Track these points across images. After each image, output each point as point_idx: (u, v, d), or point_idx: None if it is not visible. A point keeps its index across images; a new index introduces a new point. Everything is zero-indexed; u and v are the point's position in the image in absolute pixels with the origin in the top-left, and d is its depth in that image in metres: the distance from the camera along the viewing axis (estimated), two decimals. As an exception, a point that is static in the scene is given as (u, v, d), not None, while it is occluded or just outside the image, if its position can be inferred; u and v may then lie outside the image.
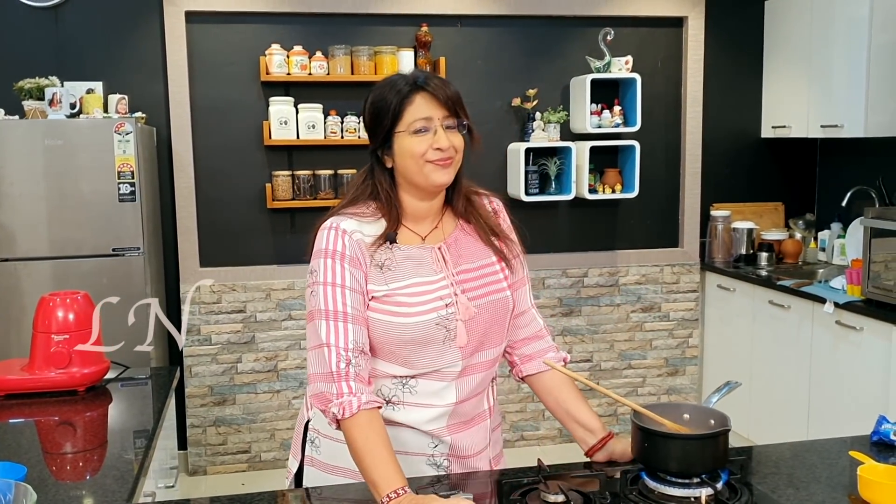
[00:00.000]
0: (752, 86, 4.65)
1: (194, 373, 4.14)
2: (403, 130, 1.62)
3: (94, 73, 3.92)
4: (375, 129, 1.66)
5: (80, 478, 1.80)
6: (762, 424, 4.16)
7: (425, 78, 1.63)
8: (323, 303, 1.60)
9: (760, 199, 4.76)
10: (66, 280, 3.41)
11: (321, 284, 1.61)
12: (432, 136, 1.62)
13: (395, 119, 1.62)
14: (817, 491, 1.59)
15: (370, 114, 1.67)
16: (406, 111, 1.62)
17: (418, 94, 1.62)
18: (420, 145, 1.62)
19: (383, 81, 1.67)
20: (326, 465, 1.73)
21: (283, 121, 3.99)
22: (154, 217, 3.86)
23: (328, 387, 1.56)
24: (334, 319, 1.59)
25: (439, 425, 1.70)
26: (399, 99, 1.62)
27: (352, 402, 1.53)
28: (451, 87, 1.65)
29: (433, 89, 1.62)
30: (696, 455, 1.52)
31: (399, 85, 1.63)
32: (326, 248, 1.64)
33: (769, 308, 4.03)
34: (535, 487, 1.55)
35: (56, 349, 2.34)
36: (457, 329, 1.65)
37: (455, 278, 1.68)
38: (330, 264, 1.62)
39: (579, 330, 4.56)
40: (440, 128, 1.62)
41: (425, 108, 1.61)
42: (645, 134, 4.43)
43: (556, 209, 4.50)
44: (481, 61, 4.31)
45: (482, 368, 1.73)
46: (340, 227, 1.65)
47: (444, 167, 1.65)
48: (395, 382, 1.67)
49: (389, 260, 1.65)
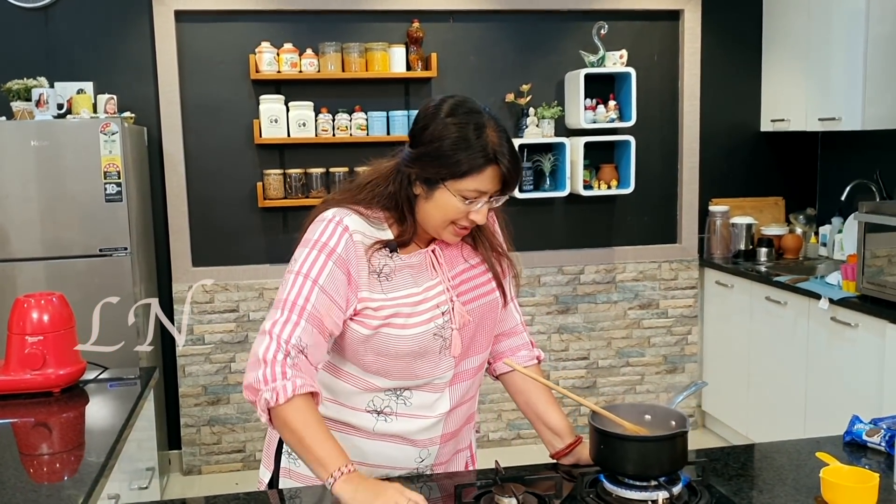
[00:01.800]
0: (750, 79, 4.59)
1: (188, 372, 4.13)
2: (453, 189, 1.52)
3: (84, 73, 3.92)
4: (428, 165, 1.52)
5: (41, 480, 1.79)
6: (760, 422, 4.10)
7: (503, 152, 1.51)
8: (287, 292, 1.52)
9: (760, 194, 4.70)
10: (52, 281, 3.42)
11: (294, 273, 1.54)
12: (474, 207, 1.53)
13: (454, 175, 1.51)
14: (781, 493, 1.55)
15: (434, 148, 1.51)
16: (469, 177, 1.50)
17: (491, 167, 1.51)
18: (458, 211, 1.53)
19: (462, 121, 1.50)
20: (304, 477, 1.69)
21: (274, 119, 3.98)
22: (144, 217, 3.85)
23: (257, 374, 1.46)
24: (290, 311, 1.50)
25: (434, 434, 1.67)
26: (471, 165, 1.49)
27: (286, 387, 1.44)
28: (520, 164, 1.55)
29: (506, 169, 1.51)
30: (652, 457, 1.49)
31: (476, 147, 1.49)
32: (318, 239, 1.55)
33: (766, 304, 3.97)
34: (489, 490, 1.52)
35: (30, 350, 2.33)
36: (452, 338, 1.62)
37: (451, 283, 1.63)
38: (314, 256, 1.54)
39: (576, 328, 4.52)
40: (486, 203, 1.54)
41: (487, 182, 1.51)
42: (641, 129, 4.38)
43: (552, 206, 4.46)
44: (474, 57, 4.28)
45: (470, 375, 1.69)
46: (343, 222, 1.56)
47: (461, 235, 1.60)
48: (387, 394, 1.63)
49: (387, 267, 1.58)
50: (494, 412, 4.43)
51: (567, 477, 1.62)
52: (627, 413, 1.62)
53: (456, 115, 1.52)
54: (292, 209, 4.13)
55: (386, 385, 1.62)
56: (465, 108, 1.54)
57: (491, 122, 1.53)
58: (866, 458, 1.72)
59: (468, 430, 1.80)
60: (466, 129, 1.50)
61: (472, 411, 1.79)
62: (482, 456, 1.94)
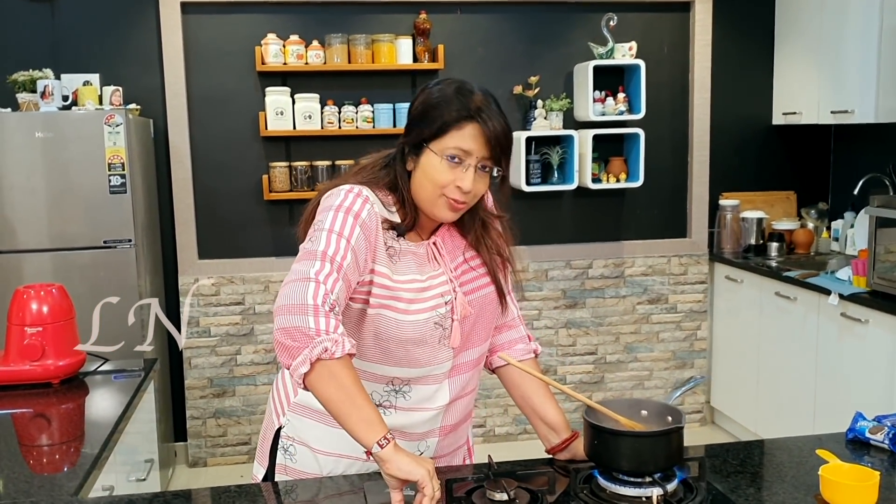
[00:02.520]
0: (762, 71, 4.53)
1: (194, 365, 4.13)
2: (437, 150, 1.50)
3: (90, 65, 3.92)
4: (413, 128, 1.53)
5: (35, 471, 1.78)
6: (768, 418, 4.06)
7: (485, 109, 1.49)
8: (324, 245, 1.44)
9: (771, 188, 4.64)
10: (57, 272, 3.42)
11: (326, 231, 1.46)
12: (461, 172, 1.50)
13: (435, 134, 1.49)
14: (780, 490, 1.52)
15: (418, 111, 1.53)
16: (449, 134, 1.48)
17: (470, 123, 1.48)
18: (445, 175, 1.50)
19: (447, 86, 1.52)
20: (301, 473, 1.67)
21: (280, 111, 3.96)
22: (150, 209, 3.85)
23: (308, 319, 1.35)
24: (330, 264, 1.42)
25: (433, 426, 1.65)
26: (447, 119, 1.48)
27: (344, 342, 1.35)
28: (504, 125, 1.51)
29: (485, 123, 1.48)
30: (647, 453, 1.46)
31: (456, 103, 1.49)
32: (342, 204, 1.50)
33: (776, 300, 3.92)
34: (482, 485, 1.50)
35: (29, 341, 2.33)
36: (452, 328, 1.59)
37: (453, 274, 1.61)
38: (342, 217, 1.48)
39: (584, 322, 4.48)
40: (473, 167, 1.50)
41: (469, 140, 1.48)
42: (650, 121, 4.33)
43: (560, 199, 4.42)
44: (482, 48, 4.24)
45: (469, 367, 1.67)
46: (362, 192, 1.53)
47: (455, 209, 1.55)
48: (387, 389, 1.61)
49: (392, 249, 1.56)
50: (501, 406, 4.41)
51: (562, 472, 1.60)
52: (623, 408, 1.59)
53: (442, 83, 1.55)
54: (298, 202, 4.12)
55: (386, 375, 1.60)
56: (455, 79, 1.56)
57: (479, 90, 1.53)
58: (869, 456, 1.68)
59: (467, 426, 1.78)
60: (449, 88, 1.52)
61: (472, 407, 1.77)
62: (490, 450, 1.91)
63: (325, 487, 1.60)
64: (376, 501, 1.48)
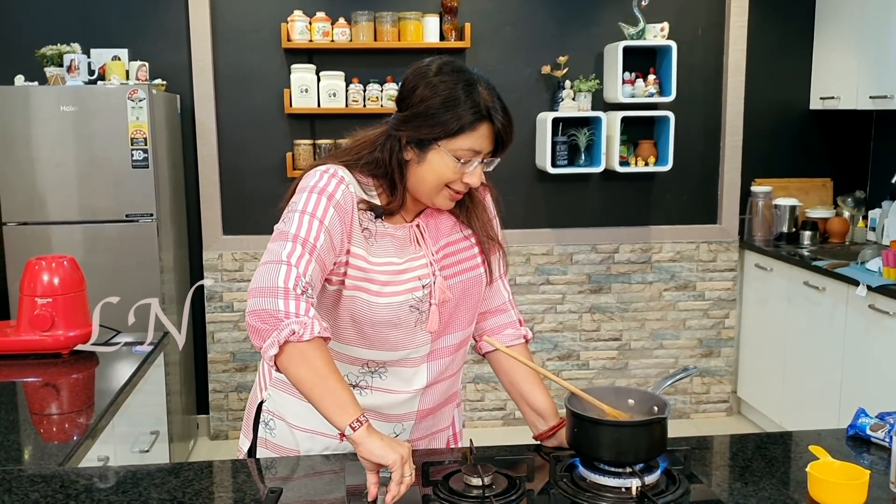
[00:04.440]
0: (800, 54, 4.39)
1: (216, 339, 4.18)
2: (446, 149, 1.47)
3: (119, 40, 3.95)
4: (421, 125, 1.47)
5: (31, 439, 1.81)
6: (794, 410, 3.97)
7: (496, 109, 1.47)
8: (296, 228, 1.43)
9: (807, 175, 4.51)
10: (81, 244, 3.48)
11: (298, 212, 1.46)
12: (468, 169, 1.49)
13: (447, 134, 1.46)
14: (767, 486, 1.47)
15: (424, 106, 1.46)
16: (463, 135, 1.46)
17: (483, 124, 1.47)
18: (452, 172, 1.49)
19: (451, 81, 1.47)
20: (280, 448, 1.69)
21: (304, 89, 3.96)
22: (175, 184, 3.88)
23: (277, 303, 1.35)
24: (302, 246, 1.42)
25: (409, 409, 1.64)
26: (462, 122, 1.45)
27: (313, 324, 1.35)
28: (512, 122, 1.50)
29: (496, 124, 1.47)
30: (627, 443, 1.42)
31: (468, 104, 1.45)
32: (316, 185, 1.49)
33: (804, 290, 3.82)
34: (459, 470, 1.48)
35: (39, 312, 2.36)
36: (430, 312, 1.58)
37: (434, 257, 1.59)
38: (315, 199, 1.47)
39: (608, 308, 4.42)
40: (480, 164, 1.50)
41: (481, 141, 1.47)
42: (682, 104, 4.23)
43: (587, 182, 4.36)
44: (510, 27, 4.18)
45: (450, 352, 1.65)
46: (338, 173, 1.52)
47: (455, 199, 1.56)
48: (363, 370, 1.61)
49: (368, 231, 1.54)
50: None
51: (547, 459, 1.57)
52: (610, 396, 1.56)
53: (444, 73, 1.49)
54: (322, 180, 4.11)
55: (360, 357, 1.59)
56: (452, 66, 1.51)
57: (481, 79, 1.50)
58: (869, 454, 1.62)
59: (450, 409, 1.76)
60: (456, 86, 1.47)
61: (455, 390, 1.75)
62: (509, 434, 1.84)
63: (306, 466, 1.59)
64: (355, 482, 1.47)
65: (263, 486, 1.50)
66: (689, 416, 4.53)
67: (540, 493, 1.44)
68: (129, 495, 1.46)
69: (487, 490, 1.40)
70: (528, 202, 4.33)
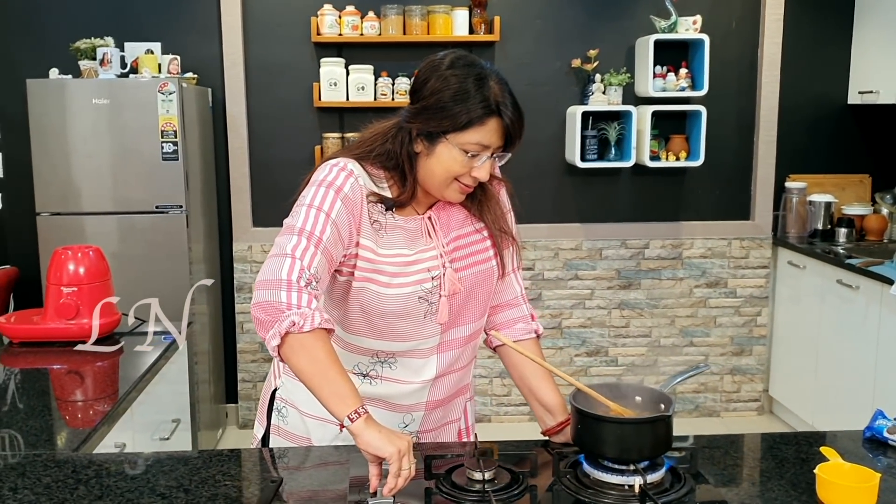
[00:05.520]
0: (838, 47, 4.29)
1: (245, 329, 4.23)
2: (455, 143, 1.48)
3: (153, 33, 4.01)
4: (430, 117, 1.48)
5: (49, 425, 1.84)
6: (826, 411, 3.89)
7: (506, 104, 1.47)
8: (302, 221, 1.46)
9: (844, 171, 4.41)
10: (112, 235, 3.54)
11: (305, 206, 1.48)
12: (477, 163, 1.50)
13: (455, 128, 1.47)
14: (775, 487, 1.44)
15: (433, 98, 1.47)
16: (472, 129, 1.46)
17: (492, 119, 1.47)
18: (462, 166, 1.49)
19: (462, 74, 1.47)
20: (292, 436, 1.71)
21: (333, 82, 3.97)
22: (205, 176, 3.93)
23: (280, 294, 1.38)
24: (308, 239, 1.44)
25: (418, 400, 1.65)
26: (471, 116, 1.45)
27: (314, 316, 1.37)
28: (522, 117, 1.50)
29: (506, 118, 1.47)
30: (630, 440, 1.41)
31: (478, 98, 1.46)
32: (325, 178, 1.51)
33: (837, 288, 3.74)
34: (462, 464, 1.48)
35: (65, 300, 2.42)
36: (439, 304, 1.58)
37: (445, 248, 1.59)
38: (322, 192, 1.49)
39: (638, 304, 4.38)
40: (489, 159, 1.51)
41: (490, 135, 1.48)
42: (715, 99, 4.17)
43: (617, 176, 4.31)
44: (540, 20, 4.15)
45: (460, 344, 1.65)
46: (347, 167, 1.53)
47: (465, 192, 1.56)
48: (373, 360, 1.62)
49: (378, 223, 1.55)
50: (549, 385, 4.36)
51: (554, 455, 1.56)
52: (618, 393, 1.54)
53: (456, 67, 1.49)
54: (350, 173, 4.13)
55: (370, 348, 1.60)
56: (465, 60, 1.51)
57: (493, 74, 1.50)
58: (885, 457, 1.58)
59: (461, 401, 1.75)
60: (467, 80, 1.47)
61: (465, 383, 1.74)
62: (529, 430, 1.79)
63: (314, 456, 1.61)
64: (359, 473, 1.48)
65: (274, 476, 1.52)
66: (720, 415, 4.47)
67: (541, 488, 1.43)
68: (138, 482, 1.49)
69: (488, 485, 1.40)
70: (558, 196, 4.30)
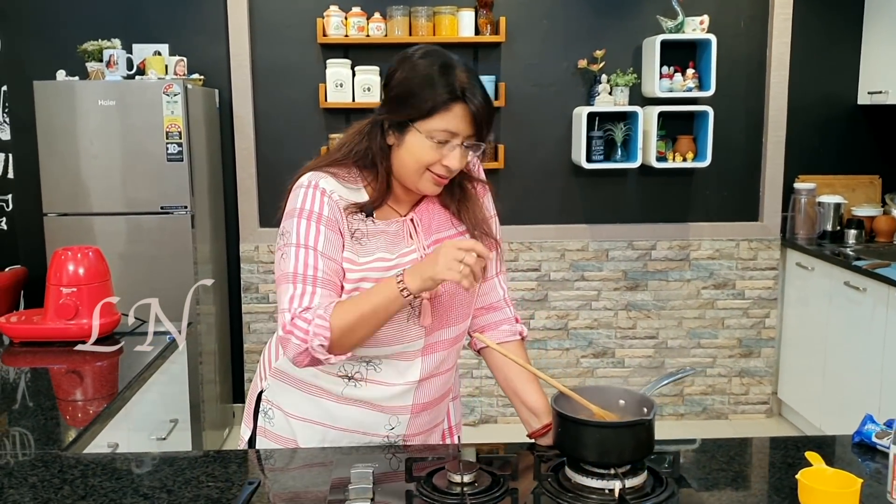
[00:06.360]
0: (848, 47, 4.25)
1: (252, 329, 4.25)
2: (423, 131, 1.49)
3: (160, 35, 4.04)
4: (398, 107, 1.51)
5: (40, 424, 1.86)
6: (833, 414, 3.85)
7: (472, 91, 1.48)
8: (293, 265, 1.51)
9: (854, 172, 4.37)
10: (115, 235, 3.57)
11: (293, 246, 1.52)
12: (447, 151, 1.50)
13: (421, 115, 1.48)
14: (759, 492, 1.44)
15: (401, 88, 1.50)
16: (437, 116, 1.48)
17: (457, 105, 1.48)
18: (431, 155, 1.50)
19: (429, 62, 1.50)
20: (278, 437, 1.72)
21: (339, 83, 3.99)
22: (212, 176, 3.95)
23: (292, 340, 1.48)
24: (303, 283, 1.50)
25: (404, 402, 1.65)
26: (436, 101, 1.47)
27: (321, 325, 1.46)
28: (489, 102, 1.51)
29: (472, 104, 1.48)
30: (611, 444, 1.40)
31: (442, 84, 1.47)
32: (302, 207, 1.54)
33: (845, 290, 3.70)
34: (444, 466, 1.48)
35: (64, 301, 2.44)
36: (421, 307, 1.58)
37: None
38: (304, 225, 1.53)
39: (645, 305, 4.36)
40: (459, 147, 1.51)
41: (457, 122, 1.49)
42: (722, 99, 4.14)
43: (623, 177, 4.30)
44: (546, 21, 4.14)
45: (445, 346, 1.66)
46: (319, 185, 1.55)
47: (440, 184, 1.56)
48: (357, 363, 1.62)
49: (360, 231, 1.57)
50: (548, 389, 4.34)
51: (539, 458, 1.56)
52: (601, 397, 1.54)
53: (425, 57, 1.52)
54: (356, 174, 4.14)
55: (356, 352, 1.60)
56: (435, 52, 1.54)
57: (461, 64, 1.52)
58: (874, 462, 1.57)
59: (446, 405, 1.75)
60: (433, 67, 1.50)
61: (451, 385, 1.74)
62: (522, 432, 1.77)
63: (298, 458, 1.61)
64: (341, 475, 1.48)
65: (252, 478, 1.52)
66: (727, 417, 4.44)
67: (523, 492, 1.42)
68: (122, 482, 1.50)
69: (468, 487, 1.40)
70: (564, 197, 4.29)
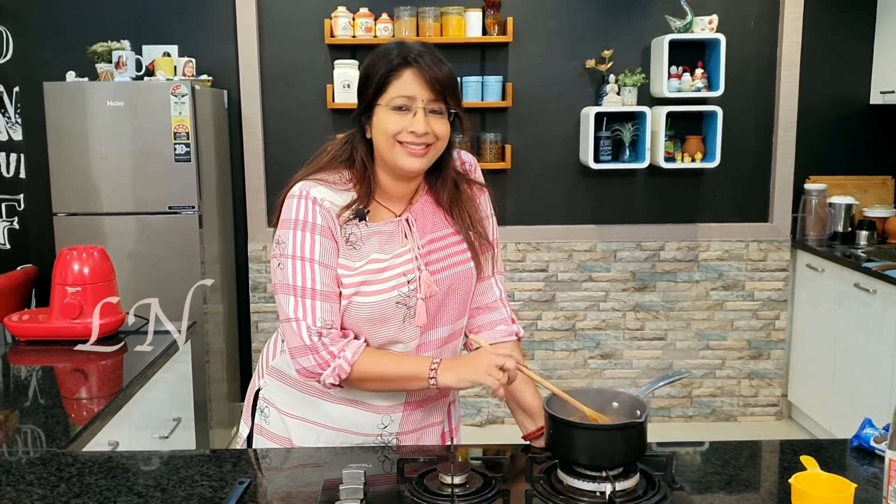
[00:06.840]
0: (860, 46, 4.21)
1: (260, 329, 4.27)
2: (384, 104, 1.53)
3: (170, 37, 4.06)
4: (361, 94, 1.58)
5: (42, 422, 1.87)
6: (843, 417, 3.82)
7: (419, 53, 1.53)
8: (291, 278, 1.54)
9: (866, 172, 4.33)
10: (124, 235, 3.60)
11: (289, 258, 1.54)
12: (411, 118, 1.53)
13: (378, 90, 1.53)
14: (751, 497, 1.43)
15: (360, 78, 1.59)
16: (391, 85, 1.53)
17: (407, 70, 1.52)
18: (395, 124, 1.53)
19: (380, 48, 1.58)
20: (273, 436, 1.73)
21: (347, 84, 3.99)
22: (220, 177, 3.97)
23: (309, 360, 1.53)
24: (302, 296, 1.53)
25: (396, 401, 1.66)
26: (386, 70, 1.52)
27: (341, 366, 1.52)
28: (444, 68, 1.54)
29: (423, 68, 1.52)
30: (602, 446, 1.40)
31: (391, 55, 1.53)
32: (296, 218, 1.55)
33: (855, 292, 3.67)
34: (435, 468, 1.48)
35: (69, 300, 2.46)
36: (416, 307, 1.59)
37: (420, 251, 1.61)
38: (299, 237, 1.54)
39: (653, 306, 4.34)
40: (421, 110, 1.53)
41: (411, 86, 1.52)
42: (732, 99, 4.11)
43: (632, 178, 4.28)
44: (554, 21, 4.14)
45: (438, 345, 1.66)
46: (311, 194, 1.56)
47: (416, 155, 1.55)
48: None
49: (354, 236, 1.58)
50: (562, 388, 4.33)
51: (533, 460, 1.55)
52: (595, 399, 1.53)
53: (383, 46, 1.59)
54: (364, 174, 4.14)
55: None
56: (395, 41, 1.61)
57: (419, 44, 1.57)
58: (872, 466, 1.55)
59: (442, 405, 1.75)
60: (386, 47, 1.57)
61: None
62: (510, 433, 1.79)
63: (294, 458, 1.62)
64: (333, 476, 1.49)
65: (243, 477, 1.53)
66: (737, 419, 4.42)
67: (514, 494, 1.42)
68: (118, 480, 1.51)
69: (458, 489, 1.40)
70: (571, 197, 4.28)
